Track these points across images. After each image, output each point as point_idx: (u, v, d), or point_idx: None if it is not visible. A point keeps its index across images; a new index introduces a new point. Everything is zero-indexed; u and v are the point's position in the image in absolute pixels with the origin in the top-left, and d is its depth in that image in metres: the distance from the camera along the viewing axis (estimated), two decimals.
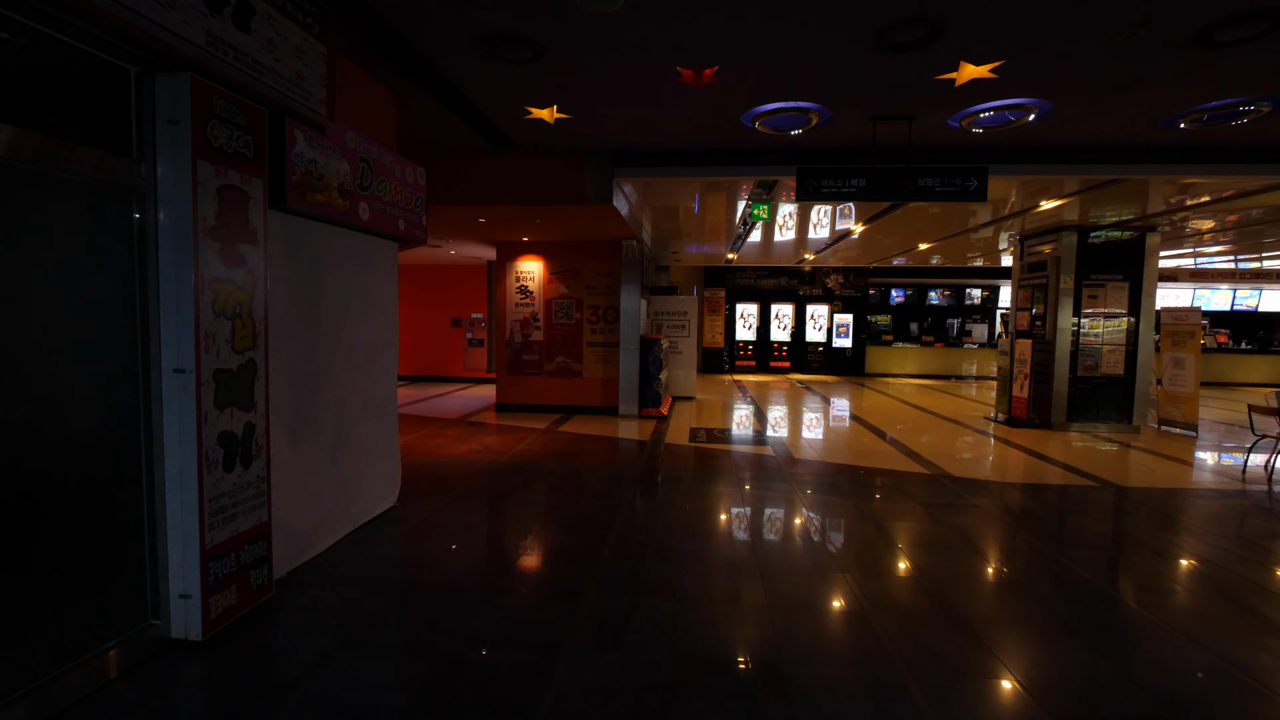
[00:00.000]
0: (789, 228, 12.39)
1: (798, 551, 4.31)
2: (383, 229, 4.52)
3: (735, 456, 7.22)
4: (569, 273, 10.07)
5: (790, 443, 8.04)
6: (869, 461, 7.04)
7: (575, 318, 10.09)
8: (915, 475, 6.46)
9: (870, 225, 9.93)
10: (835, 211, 11.07)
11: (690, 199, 8.67)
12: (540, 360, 10.20)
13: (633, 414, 9.83)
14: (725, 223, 10.42)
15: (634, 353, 9.74)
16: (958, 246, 13.63)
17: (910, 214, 9.35)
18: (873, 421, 9.82)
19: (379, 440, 4.94)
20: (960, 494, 5.78)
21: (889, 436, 8.58)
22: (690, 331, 12.13)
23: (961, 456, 7.46)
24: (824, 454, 7.42)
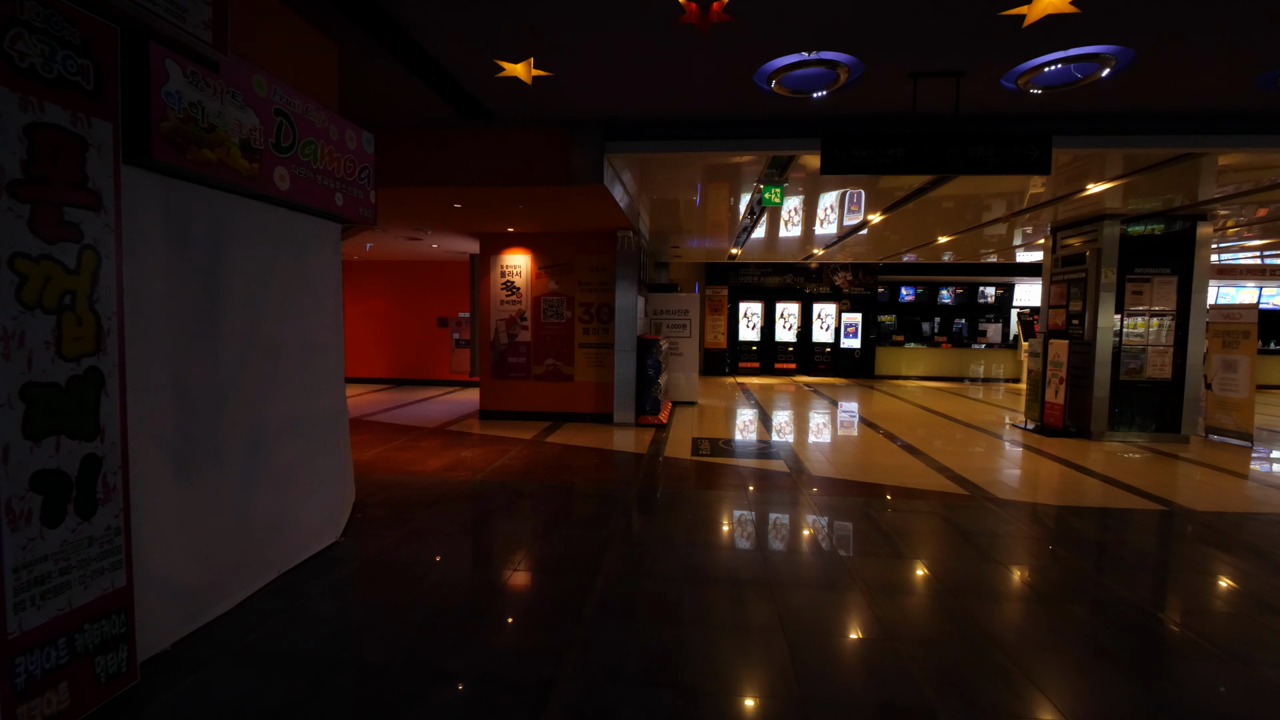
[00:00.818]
0: (795, 223, 11.52)
1: (831, 607, 3.43)
2: (312, 203, 3.64)
3: (744, 473, 6.34)
4: (559, 267, 9.19)
5: (804, 455, 7.17)
6: (896, 479, 6.16)
7: (566, 316, 9.21)
8: (952, 497, 5.59)
9: (889, 215, 9.06)
10: (844, 204, 10.21)
11: (691, 189, 7.81)
12: (528, 363, 9.32)
13: (629, 422, 8.96)
14: (728, 216, 9.55)
15: (630, 355, 8.87)
16: (970, 242, 12.77)
17: (927, 206, 8.49)
18: (891, 429, 8.95)
19: (318, 464, 4.06)
20: (1009, 520, 4.90)
21: (912, 447, 7.70)
22: (692, 332, 11.26)
23: (999, 473, 6.58)
24: (843, 469, 6.55)
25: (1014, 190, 7.67)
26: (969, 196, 7.96)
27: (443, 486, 5.72)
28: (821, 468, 6.61)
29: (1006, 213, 8.95)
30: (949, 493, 5.73)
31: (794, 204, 8.90)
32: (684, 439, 8.02)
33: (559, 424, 9.06)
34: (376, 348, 14.12)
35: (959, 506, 5.30)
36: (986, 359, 17.30)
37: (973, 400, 12.83)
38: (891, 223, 9.68)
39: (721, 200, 8.63)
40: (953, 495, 5.65)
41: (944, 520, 4.94)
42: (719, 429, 8.80)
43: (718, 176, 7.09)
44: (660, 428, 8.81)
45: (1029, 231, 10.82)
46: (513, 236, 9.23)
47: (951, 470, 6.59)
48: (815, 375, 17.37)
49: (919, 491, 5.75)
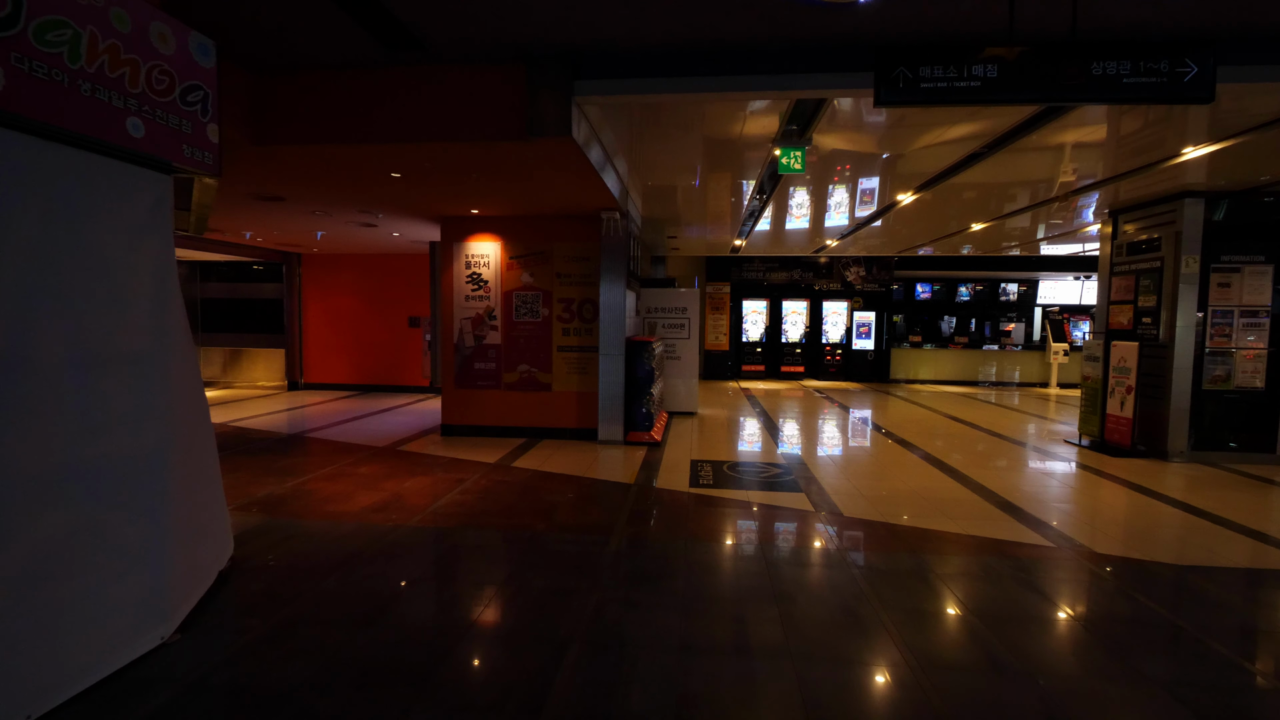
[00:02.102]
0: (806, 211, 10.14)
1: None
2: (83, 130, 2.26)
3: (755, 514, 4.95)
4: (534, 257, 7.80)
5: (826, 484, 5.78)
6: (952, 521, 4.77)
7: (543, 315, 7.83)
8: (1036, 551, 4.20)
9: (922, 195, 7.66)
10: (855, 196, 8.86)
11: (688, 154, 6.43)
12: (497, 369, 7.93)
13: (616, 439, 7.57)
14: (731, 196, 8.17)
15: (617, 360, 7.48)
16: (1007, 230, 11.40)
17: (952, 191, 7.13)
18: (924, 446, 7.57)
19: (123, 535, 2.68)
20: (1134, 591, 3.51)
21: (955, 471, 6.31)
22: (690, 332, 9.88)
23: (1077, 510, 5.19)
24: (881, 506, 5.16)
25: (1059, 167, 6.31)
26: (1000, 179, 6.57)
27: (362, 537, 4.33)
28: (853, 503, 5.22)
29: (1060, 192, 7.56)
30: (1028, 543, 4.34)
31: (809, 183, 7.51)
32: (681, 462, 6.63)
33: (533, 442, 7.67)
34: (342, 351, 12.74)
35: (1053, 567, 3.92)
36: (1011, 362, 15.91)
37: (1004, 408, 11.44)
38: (924, 205, 8.29)
39: (727, 165, 7.22)
40: (1035, 548, 4.26)
41: (1036, 590, 3.55)
42: (722, 448, 7.41)
43: (720, 144, 5.71)
44: (653, 446, 7.42)
45: (1072, 218, 9.44)
46: (478, 221, 7.84)
47: (1017, 506, 5.20)
48: (825, 379, 15.98)
49: (988, 542, 4.36)
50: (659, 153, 6.11)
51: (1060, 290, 17.53)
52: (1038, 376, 15.75)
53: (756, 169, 6.52)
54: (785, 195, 7.69)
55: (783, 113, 4.93)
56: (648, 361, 7.60)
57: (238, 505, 4.98)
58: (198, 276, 13.13)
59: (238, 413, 9.80)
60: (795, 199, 8.16)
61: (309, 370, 12.87)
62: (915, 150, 5.86)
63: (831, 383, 15.48)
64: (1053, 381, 15.30)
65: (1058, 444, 8.11)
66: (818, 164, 6.42)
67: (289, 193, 6.52)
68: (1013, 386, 15.51)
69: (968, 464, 6.75)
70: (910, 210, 8.60)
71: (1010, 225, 10.07)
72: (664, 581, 3.67)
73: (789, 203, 8.40)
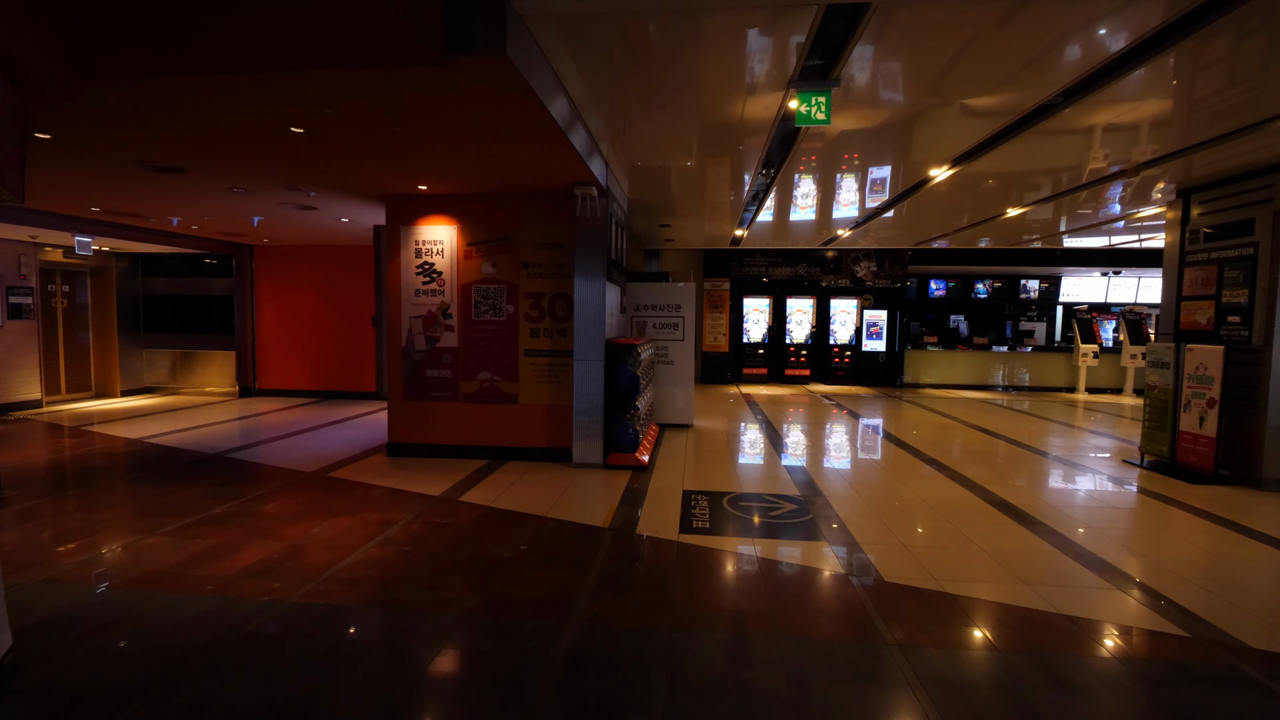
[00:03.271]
0: (814, 197, 8.90)
1: None
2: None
3: (766, 580, 3.70)
4: (496, 244, 6.54)
5: (855, 525, 4.53)
6: (1032, 589, 3.52)
7: (507, 312, 6.57)
8: (1172, 645, 2.95)
9: (958, 171, 6.40)
10: (865, 182, 7.64)
11: (683, 141, 5.19)
12: (453, 377, 6.67)
13: (593, 462, 6.31)
14: (731, 180, 6.92)
15: (595, 366, 6.23)
16: (1020, 224, 10.18)
17: (996, 164, 5.91)
18: (961, 469, 6.31)
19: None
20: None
21: (1012, 508, 5.06)
22: (685, 333, 8.62)
23: (1191, 571, 3.94)
24: (932, 562, 3.91)
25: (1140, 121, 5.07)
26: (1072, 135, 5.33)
27: (216, 622, 3.07)
28: (891, 558, 3.96)
29: (1127, 165, 6.30)
30: (1154, 630, 3.09)
31: (829, 150, 6.25)
32: (671, 493, 5.38)
33: (496, 464, 6.41)
34: (300, 354, 11.48)
35: (1225, 686, 2.66)
36: (1034, 365, 14.66)
37: (1036, 418, 10.18)
38: (958, 184, 7.03)
39: (727, 134, 5.97)
40: (1167, 640, 3.01)
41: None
42: (722, 472, 6.15)
43: (720, 96, 4.45)
44: (638, 471, 6.17)
45: (1157, 194, 8.20)
46: (429, 200, 6.57)
47: (1107, 562, 3.95)
48: (833, 383, 14.73)
49: (1085, 624, 3.10)
50: (645, 110, 4.85)
51: (1085, 287, 16.30)
52: (1064, 381, 14.51)
53: (763, 135, 5.25)
54: (797, 164, 6.42)
55: (801, 42, 3.67)
56: (632, 368, 6.34)
57: (72, 565, 3.72)
58: (140, 271, 11.85)
59: (170, 425, 8.54)
60: (811, 168, 6.90)
61: (264, 374, 11.61)
62: (968, 102, 4.61)
63: (840, 387, 14.22)
64: (1080, 386, 14.07)
65: (1114, 465, 6.86)
66: (836, 137, 5.17)
67: (181, 160, 5.25)
68: (1037, 392, 14.27)
69: (1019, 494, 5.50)
70: (940, 191, 7.33)
71: (1047, 212, 8.82)
72: (635, 715, 2.41)
73: (801, 178, 7.13)
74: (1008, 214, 8.80)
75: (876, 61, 3.90)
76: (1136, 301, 16.26)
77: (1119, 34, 3.52)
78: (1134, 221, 9.60)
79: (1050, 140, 5.52)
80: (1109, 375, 14.34)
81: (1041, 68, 3.96)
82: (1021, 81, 4.21)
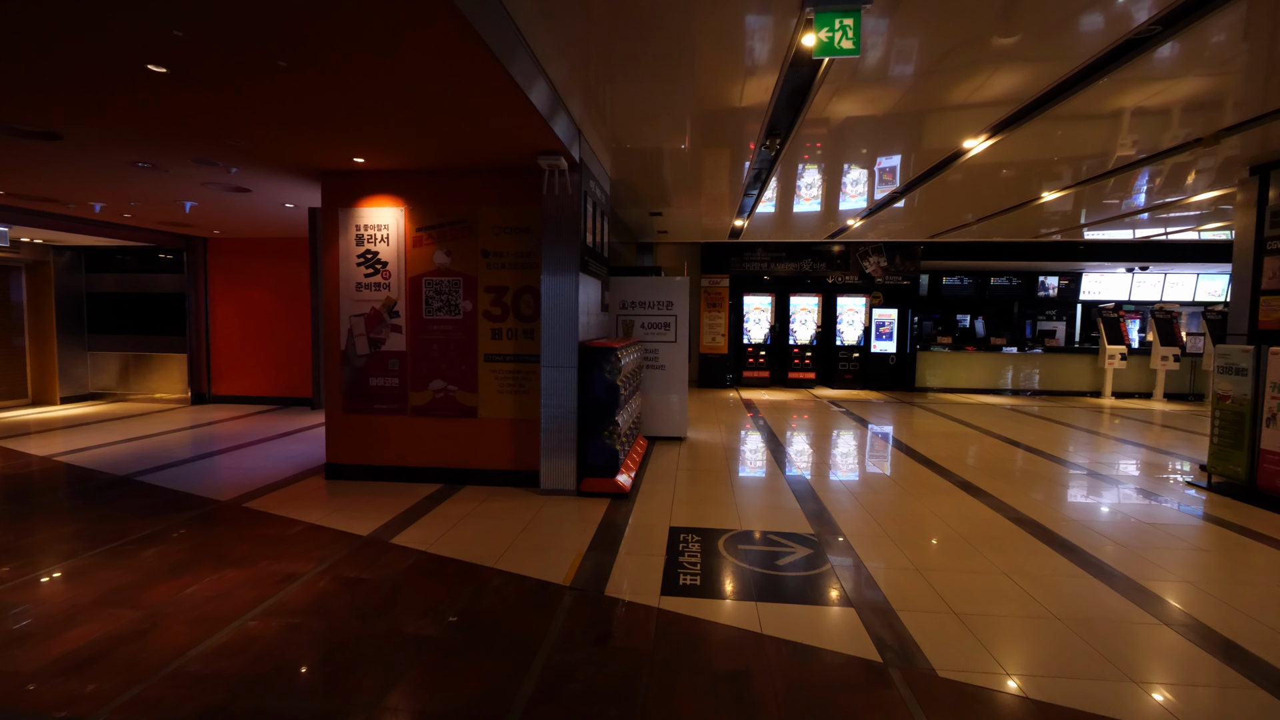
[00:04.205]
0: (815, 196, 7.91)
1: None
2: None
3: (779, 674, 2.69)
4: (451, 228, 5.53)
5: (887, 581, 3.52)
6: (1151, 689, 2.51)
7: (464, 309, 5.56)
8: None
9: (997, 142, 5.40)
10: (874, 177, 6.69)
11: (673, 102, 4.20)
12: (401, 387, 5.66)
13: (564, 488, 5.30)
14: (732, 155, 5.92)
15: (566, 373, 5.22)
16: (1038, 214, 9.21)
17: (1040, 132, 4.92)
18: (1003, 495, 5.31)
19: None
20: None
21: (1074, 548, 4.05)
22: (678, 334, 7.61)
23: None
24: (997, 639, 2.90)
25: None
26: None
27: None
28: (941, 634, 2.95)
29: (1202, 135, 5.29)
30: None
31: (844, 110, 5.25)
32: (655, 532, 4.37)
33: (451, 490, 5.40)
34: (259, 357, 10.47)
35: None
36: (1055, 367, 13.63)
37: (1067, 427, 9.17)
38: (996, 156, 6.02)
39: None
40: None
41: None
42: (719, 501, 5.14)
43: (713, 41, 3.46)
44: (618, 500, 5.16)
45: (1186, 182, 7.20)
46: (371, 177, 5.56)
47: (1230, 640, 2.94)
48: (840, 387, 13.71)
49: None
50: (625, 59, 3.83)
51: (1107, 284, 15.34)
52: (1088, 384, 13.49)
53: (771, 76, 4.24)
54: (813, 123, 5.40)
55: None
56: (610, 375, 5.33)
57: None
58: (83, 266, 10.84)
59: (98, 438, 7.53)
60: (828, 130, 5.89)
61: (219, 379, 10.60)
62: (1021, 46, 3.60)
63: (847, 391, 13.21)
64: (1106, 391, 13.06)
65: (1175, 487, 5.85)
66: (857, 88, 4.16)
67: (46, 119, 4.24)
68: (1058, 397, 13.25)
69: (1076, 529, 4.49)
70: (977, 163, 6.32)
71: (1083, 198, 7.81)
72: None
73: (813, 147, 6.11)
74: (1041, 199, 7.77)
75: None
76: (1162, 299, 15.28)
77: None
78: (1179, 209, 8.59)
79: (1116, 100, 4.50)
80: (1137, 378, 13.32)
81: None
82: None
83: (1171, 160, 6.00)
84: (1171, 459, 7.09)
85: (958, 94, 4.44)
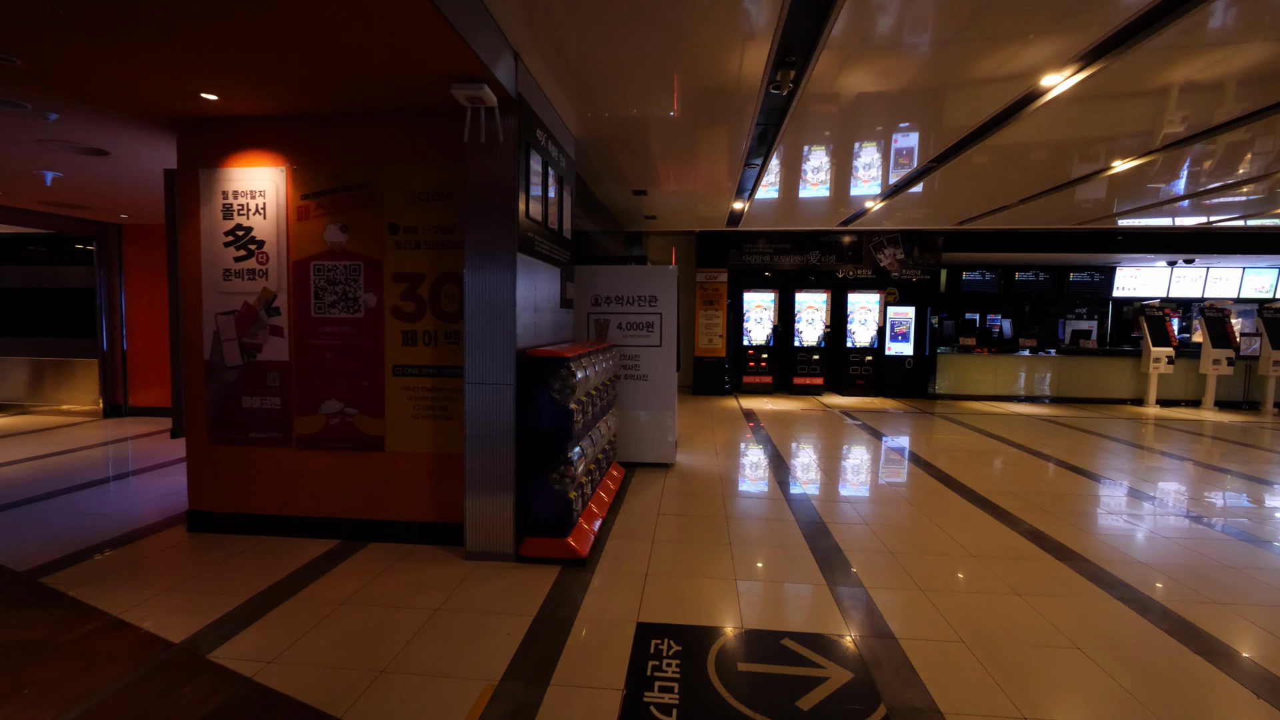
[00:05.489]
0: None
1: None
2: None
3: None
4: (348, 194, 4.08)
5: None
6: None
7: (366, 305, 4.10)
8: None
9: (1088, 79, 3.97)
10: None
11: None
12: (285, 409, 4.20)
13: (499, 552, 3.84)
14: (731, 119, 4.50)
15: (500, 393, 3.77)
16: (1059, 203, 7.82)
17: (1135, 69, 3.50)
18: (1112, 568, 3.88)
19: None
20: None
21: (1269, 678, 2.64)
22: (663, 335, 6.16)
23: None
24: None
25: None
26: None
27: None
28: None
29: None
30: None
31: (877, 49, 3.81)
32: (615, 635, 2.92)
33: (349, 550, 3.95)
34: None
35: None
36: (1092, 371, 12.19)
37: (1130, 446, 7.72)
38: (1084, 96, 4.58)
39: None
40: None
41: None
42: (710, 575, 3.69)
43: None
44: (572, 567, 3.71)
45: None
46: (242, 126, 4.10)
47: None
48: (852, 394, 12.27)
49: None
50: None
51: (1143, 279, 13.90)
52: (1129, 391, 12.05)
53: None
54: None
55: None
56: (562, 394, 3.86)
57: None
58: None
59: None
60: (853, 43, 4.45)
61: (136, 389, 9.14)
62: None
63: (860, 399, 11.76)
64: (1150, 398, 11.62)
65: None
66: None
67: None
68: (1096, 405, 11.82)
69: (1248, 638, 3.06)
70: (1059, 106, 4.88)
71: (1157, 170, 6.38)
72: None
73: (832, 95, 4.67)
74: (1113, 168, 6.32)
75: None
76: (1204, 296, 13.86)
77: None
78: (1230, 193, 7.15)
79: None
80: (1183, 385, 11.90)
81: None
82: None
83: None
84: (1267, 486, 5.66)
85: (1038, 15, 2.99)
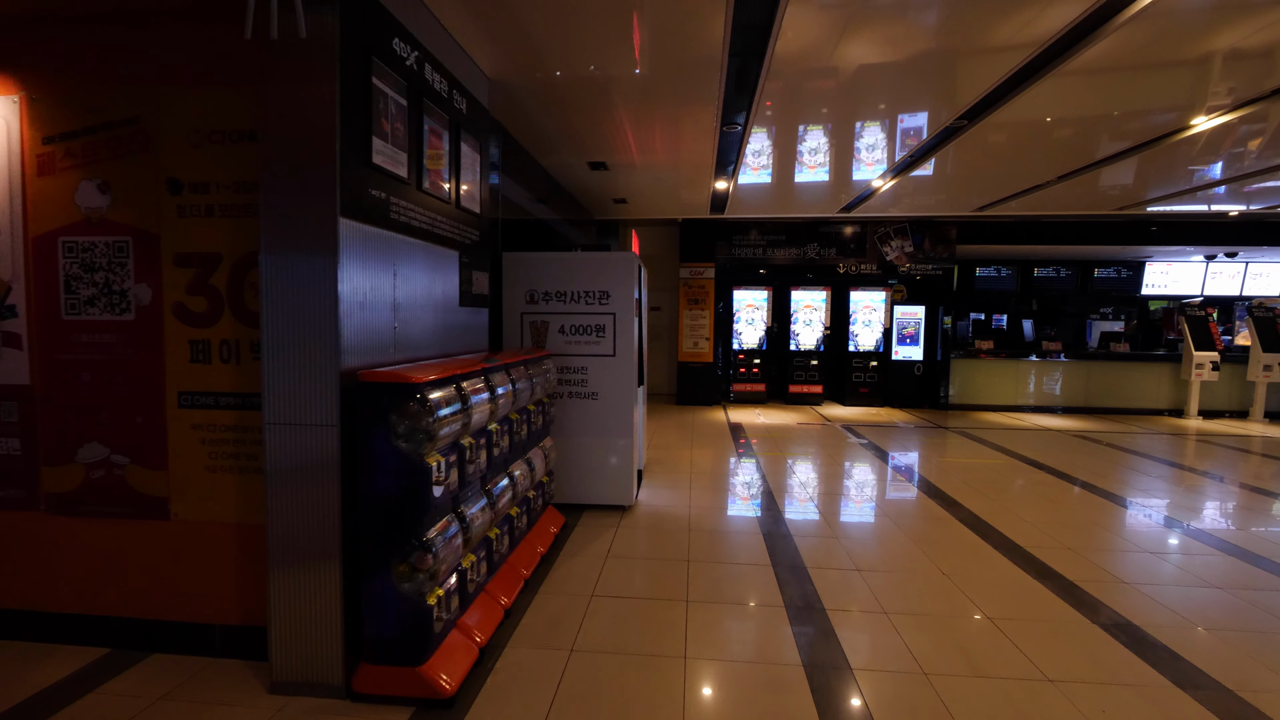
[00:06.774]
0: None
1: None
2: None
3: None
4: (111, 135, 2.73)
5: None
6: None
7: (140, 302, 2.75)
8: None
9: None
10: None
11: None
12: (26, 457, 2.85)
13: (322, 683, 2.49)
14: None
15: (319, 437, 2.42)
16: (1085, 187, 6.50)
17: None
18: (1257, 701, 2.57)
19: None
20: None
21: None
22: (617, 343, 4.80)
23: None
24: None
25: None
26: None
27: None
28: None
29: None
30: None
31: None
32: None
33: (117, 666, 2.62)
34: None
35: None
36: (1125, 379, 10.84)
37: (1193, 473, 6.39)
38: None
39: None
40: None
41: None
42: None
43: None
44: (429, 711, 2.37)
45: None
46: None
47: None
48: (854, 404, 10.92)
49: None
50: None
51: (1175, 275, 12.56)
52: (1166, 400, 10.71)
53: None
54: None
55: None
56: (411, 440, 2.48)
57: None
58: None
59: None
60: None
61: None
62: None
63: (864, 410, 10.42)
64: (1192, 409, 10.29)
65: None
66: None
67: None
68: (1130, 416, 10.48)
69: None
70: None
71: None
72: None
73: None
74: (1193, 127, 4.97)
75: None
76: (1243, 293, 12.54)
77: None
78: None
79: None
80: (1227, 394, 10.57)
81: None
82: None
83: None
84: None
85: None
